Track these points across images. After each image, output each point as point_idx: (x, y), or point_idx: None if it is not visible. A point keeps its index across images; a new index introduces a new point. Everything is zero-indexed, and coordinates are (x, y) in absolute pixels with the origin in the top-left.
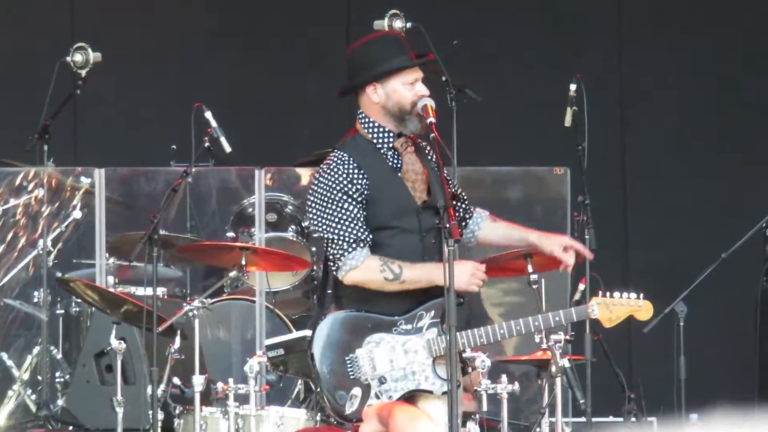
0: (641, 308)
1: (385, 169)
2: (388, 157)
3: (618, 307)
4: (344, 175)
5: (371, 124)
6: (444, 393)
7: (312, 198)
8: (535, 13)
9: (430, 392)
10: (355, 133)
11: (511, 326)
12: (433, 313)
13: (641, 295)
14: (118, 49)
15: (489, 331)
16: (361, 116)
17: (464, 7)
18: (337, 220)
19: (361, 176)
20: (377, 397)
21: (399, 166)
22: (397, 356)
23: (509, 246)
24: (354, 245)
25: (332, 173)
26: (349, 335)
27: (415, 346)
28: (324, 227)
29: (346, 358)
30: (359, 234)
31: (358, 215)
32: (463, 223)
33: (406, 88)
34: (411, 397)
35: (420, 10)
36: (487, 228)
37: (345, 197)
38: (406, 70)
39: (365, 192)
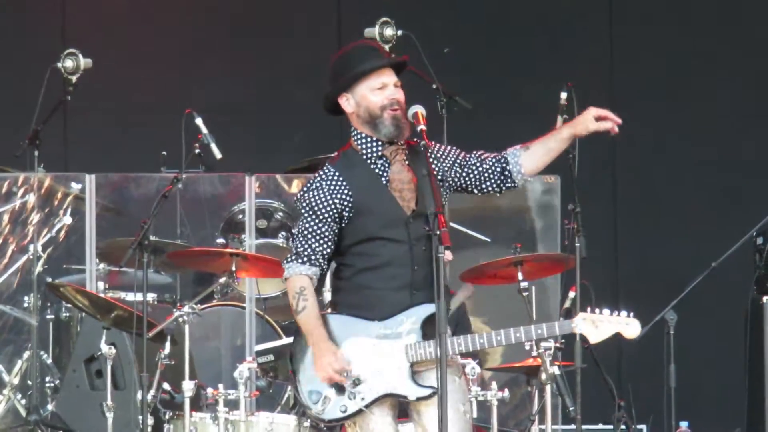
0: (628, 326)
1: (372, 180)
2: (378, 167)
3: (605, 323)
4: (320, 193)
5: (359, 136)
6: (418, 399)
7: (295, 205)
8: (526, 22)
9: (404, 397)
10: (348, 147)
11: (491, 336)
12: (414, 319)
13: (631, 314)
14: (109, 55)
15: (468, 339)
16: (351, 129)
17: (455, 15)
18: (297, 231)
19: (342, 192)
20: (350, 398)
21: (387, 176)
22: (373, 359)
23: (557, 155)
24: (296, 258)
25: (311, 189)
26: (329, 335)
27: (393, 351)
28: (298, 223)
29: None
30: (307, 250)
31: (318, 232)
32: (506, 173)
33: (374, 93)
34: (405, 403)
35: (411, 18)
36: (527, 159)
37: (311, 213)
38: (372, 74)
39: (346, 208)
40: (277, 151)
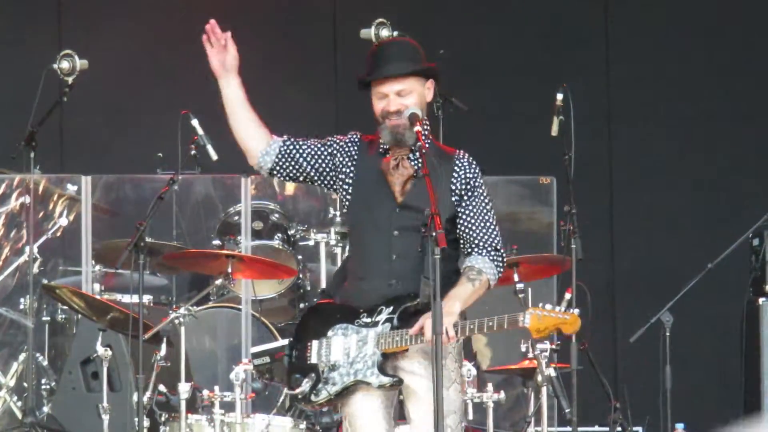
0: (567, 321)
1: (374, 167)
2: (382, 158)
3: (548, 318)
4: (348, 139)
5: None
6: (380, 386)
7: None
8: (522, 22)
9: (369, 384)
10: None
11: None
12: (392, 308)
13: (573, 310)
14: (105, 56)
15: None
16: None
17: (451, 16)
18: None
19: (350, 150)
20: (325, 383)
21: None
22: (351, 347)
23: None
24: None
25: (343, 135)
26: (320, 323)
27: (367, 338)
28: None
29: (309, 343)
30: (297, 139)
31: (316, 146)
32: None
33: (378, 102)
34: (345, 392)
35: (407, 19)
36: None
37: (333, 141)
38: (374, 83)
39: (347, 172)
40: None
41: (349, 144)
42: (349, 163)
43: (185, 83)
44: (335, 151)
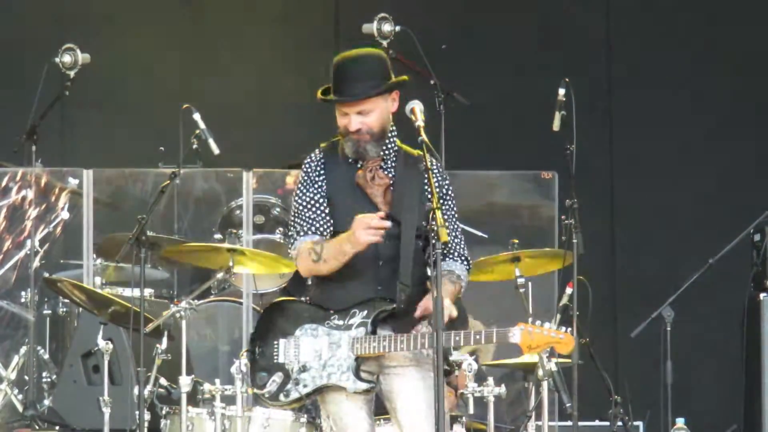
0: (562, 341)
1: (349, 176)
2: (355, 167)
3: (540, 336)
4: (311, 166)
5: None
6: (355, 392)
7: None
8: (524, 17)
9: (344, 388)
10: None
11: (424, 338)
12: (366, 312)
13: (568, 329)
14: (107, 50)
15: (411, 338)
16: None
17: (453, 11)
18: (297, 204)
19: (321, 173)
20: (295, 383)
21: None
22: (322, 348)
23: None
24: (296, 235)
25: (305, 165)
26: (286, 321)
27: (341, 342)
28: (291, 212)
29: (275, 342)
30: (306, 222)
31: (311, 201)
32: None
33: (340, 118)
34: (325, 391)
35: (409, 14)
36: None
37: (310, 184)
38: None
39: (323, 187)
40: (275, 146)
41: (318, 167)
42: (325, 179)
43: (187, 77)
44: (324, 186)
